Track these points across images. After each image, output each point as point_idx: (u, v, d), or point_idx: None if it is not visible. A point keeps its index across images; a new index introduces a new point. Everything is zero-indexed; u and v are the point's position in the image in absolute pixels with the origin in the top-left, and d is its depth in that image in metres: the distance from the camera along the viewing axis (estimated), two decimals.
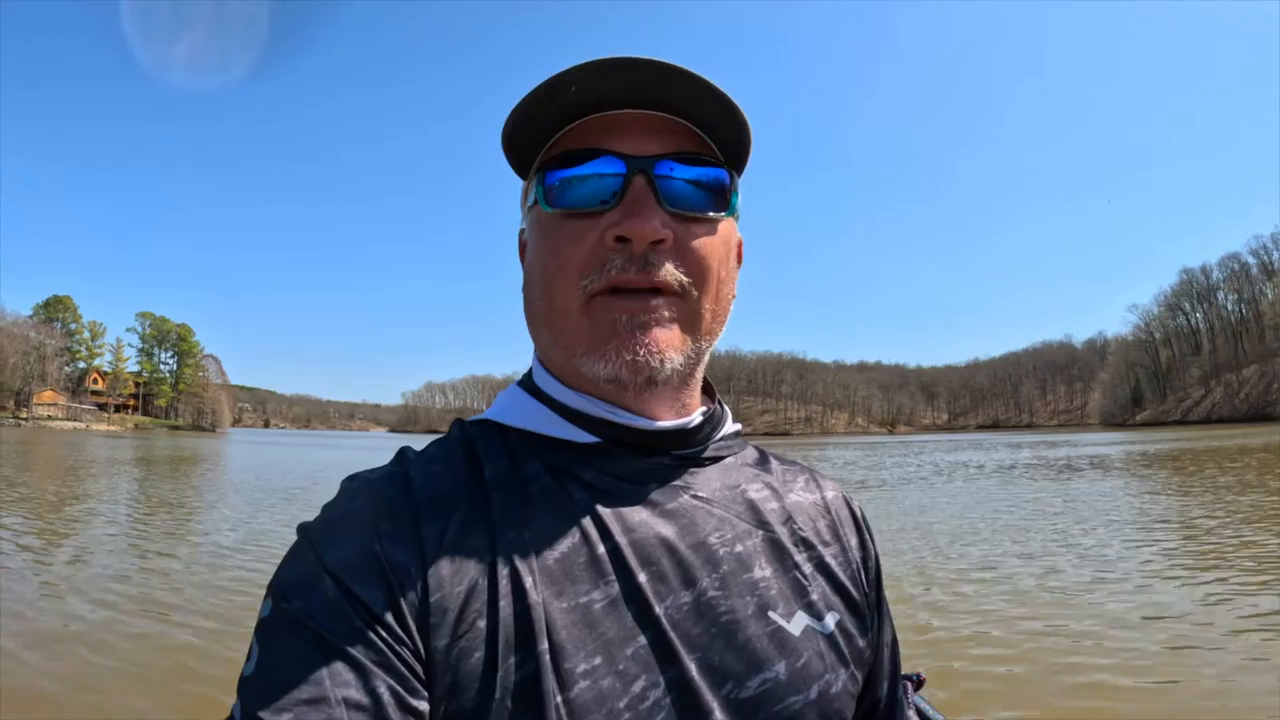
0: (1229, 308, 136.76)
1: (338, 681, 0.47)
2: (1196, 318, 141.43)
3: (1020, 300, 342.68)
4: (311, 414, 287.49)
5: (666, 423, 0.63)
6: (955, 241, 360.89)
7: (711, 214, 0.61)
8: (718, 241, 0.62)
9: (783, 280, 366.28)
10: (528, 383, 0.67)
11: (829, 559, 0.67)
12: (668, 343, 0.59)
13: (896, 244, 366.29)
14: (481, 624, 0.52)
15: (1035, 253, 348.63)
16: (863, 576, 0.69)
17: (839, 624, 0.63)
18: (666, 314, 0.59)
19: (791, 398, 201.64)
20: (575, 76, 0.57)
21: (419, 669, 0.50)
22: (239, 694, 0.49)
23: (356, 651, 0.49)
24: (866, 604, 0.68)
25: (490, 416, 0.66)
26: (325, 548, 0.53)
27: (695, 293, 0.60)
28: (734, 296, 0.67)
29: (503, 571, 0.54)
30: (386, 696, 0.48)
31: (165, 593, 6.87)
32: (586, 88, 0.57)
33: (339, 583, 0.51)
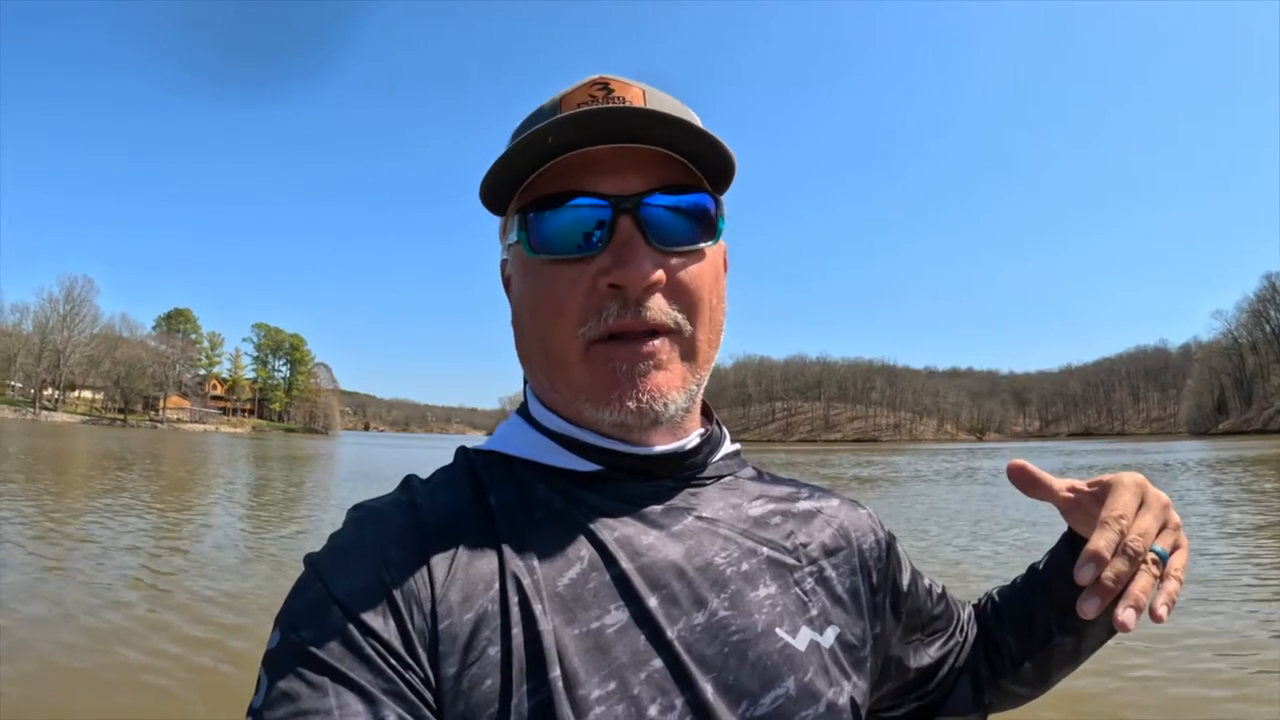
0: None
1: (346, 711, 0.47)
2: None
3: (1117, 303, 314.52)
4: (409, 418, 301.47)
5: (664, 447, 0.64)
6: (1052, 243, 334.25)
7: (700, 245, 0.61)
8: (708, 270, 0.62)
9: (878, 284, 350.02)
10: (526, 414, 0.68)
11: (830, 571, 0.67)
12: (669, 384, 0.60)
13: (994, 246, 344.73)
14: (492, 651, 0.52)
15: (1133, 254, 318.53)
16: (871, 578, 0.71)
17: (839, 637, 0.64)
18: (664, 355, 0.60)
19: (881, 404, 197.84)
20: (552, 129, 0.56)
21: (429, 697, 0.50)
22: None
23: (365, 680, 0.48)
24: (876, 601, 0.70)
25: (493, 446, 0.67)
26: (332, 577, 0.53)
27: (690, 327, 0.61)
28: (725, 312, 0.66)
29: (513, 599, 0.54)
30: None
31: None
32: (564, 134, 0.56)
33: (347, 612, 0.51)
